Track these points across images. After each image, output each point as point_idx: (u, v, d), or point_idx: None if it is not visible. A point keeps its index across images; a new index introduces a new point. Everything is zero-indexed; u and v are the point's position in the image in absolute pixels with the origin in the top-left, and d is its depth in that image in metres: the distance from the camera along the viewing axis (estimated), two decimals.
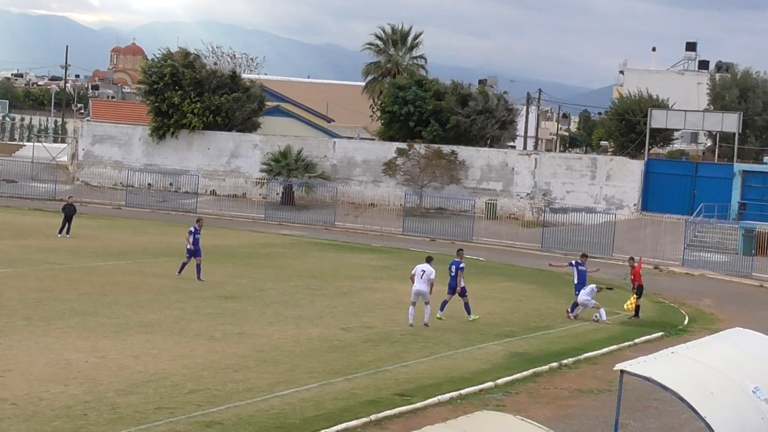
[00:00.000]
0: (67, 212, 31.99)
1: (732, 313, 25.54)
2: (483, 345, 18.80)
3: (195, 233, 24.35)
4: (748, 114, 48.72)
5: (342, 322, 19.97)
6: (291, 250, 33.35)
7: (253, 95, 50.61)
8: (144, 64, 56.20)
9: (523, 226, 42.85)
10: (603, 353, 18.85)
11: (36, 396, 13.17)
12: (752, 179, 42.86)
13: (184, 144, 50.02)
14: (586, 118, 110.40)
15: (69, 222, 31.69)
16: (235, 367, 15.58)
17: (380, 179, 47.34)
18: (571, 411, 14.72)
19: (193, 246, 24.22)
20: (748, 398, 9.96)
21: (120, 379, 14.27)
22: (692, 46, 70.62)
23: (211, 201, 47.65)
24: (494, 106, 48.83)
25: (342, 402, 13.97)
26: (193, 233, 24.34)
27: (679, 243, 37.35)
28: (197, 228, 24.62)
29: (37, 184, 48.88)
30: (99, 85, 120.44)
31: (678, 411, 14.07)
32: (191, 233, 24.37)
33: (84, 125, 53.33)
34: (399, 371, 16.14)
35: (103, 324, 18.20)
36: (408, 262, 31.75)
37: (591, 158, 47.61)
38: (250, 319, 19.75)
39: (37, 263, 25.30)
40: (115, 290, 21.89)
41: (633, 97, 52.88)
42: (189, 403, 13.35)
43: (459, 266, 20.54)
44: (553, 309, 23.77)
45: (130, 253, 29.05)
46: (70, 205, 32.40)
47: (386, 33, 58.44)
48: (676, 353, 10.60)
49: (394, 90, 49.38)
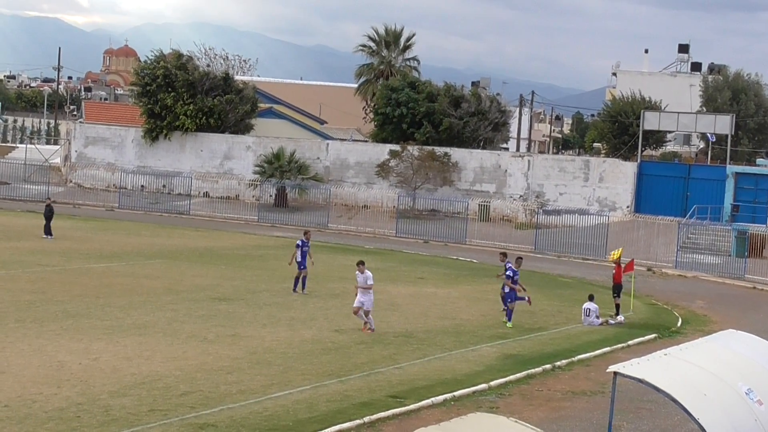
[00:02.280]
0: (45, 213, 32.01)
1: (725, 315, 25.60)
2: (476, 347, 18.82)
3: (302, 246, 23.65)
4: (741, 116, 48.91)
5: (335, 324, 19.97)
6: (284, 252, 33.19)
7: (245, 97, 50.57)
8: (136, 66, 56.12)
9: (516, 228, 42.89)
10: (596, 355, 18.89)
11: (29, 398, 13.16)
12: (745, 181, 42.99)
13: (177, 146, 49.94)
14: (578, 120, 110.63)
15: (48, 222, 31.66)
16: (228, 369, 15.57)
17: (373, 181, 47.36)
18: (565, 413, 14.75)
19: (300, 258, 23.54)
20: (741, 400, 10.00)
21: (113, 381, 14.26)
22: (684, 48, 70.89)
23: (204, 203, 47.58)
24: (487, 107, 48.91)
25: (335, 404, 13.97)
26: (301, 246, 23.65)
27: (672, 245, 37.44)
28: (305, 241, 23.90)
29: (29, 186, 48.73)
30: (92, 87, 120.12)
31: (671, 413, 14.11)
32: (298, 246, 23.67)
33: (77, 127, 53.20)
34: (392, 373, 16.15)
35: (95, 326, 18.18)
36: (401, 264, 31.83)
37: (584, 160, 47.72)
38: (243, 320, 19.75)
39: (29, 265, 25.22)
40: (108, 292, 21.85)
41: (626, 99, 53.06)
42: (182, 405, 13.35)
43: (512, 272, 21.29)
44: (545, 311, 23.81)
45: (122, 254, 28.98)
46: (48, 206, 32.41)
47: (379, 34, 58.50)
48: (669, 355, 10.63)
49: (387, 92, 49.41)
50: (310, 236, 24.77)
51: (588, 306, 22.47)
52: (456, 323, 21.23)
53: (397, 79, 52.20)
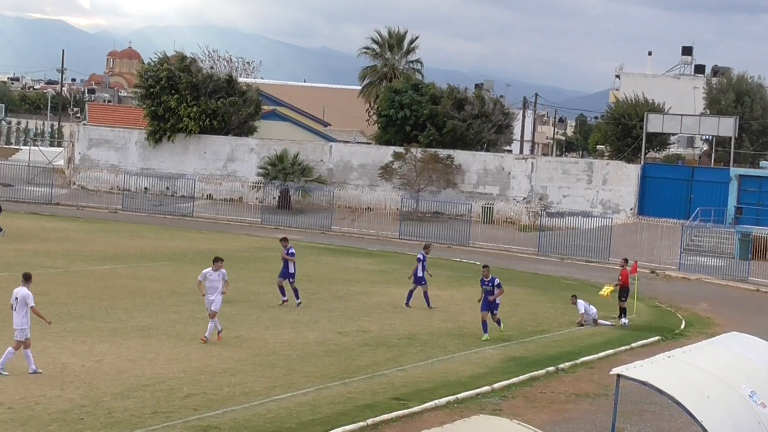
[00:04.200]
0: None
1: (728, 318, 25.57)
2: (480, 349, 18.83)
3: (423, 260, 23.10)
4: (744, 118, 48.84)
5: (338, 326, 19.98)
6: None
7: (249, 99, 50.64)
8: (140, 68, 56.17)
9: (519, 230, 42.89)
10: (599, 357, 18.91)
11: (32, 400, 13.19)
12: (748, 183, 42.90)
13: (180, 148, 50.02)
14: (582, 123, 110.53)
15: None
16: (232, 371, 15.59)
17: (377, 183, 47.38)
18: (568, 415, 14.76)
19: (421, 273, 22.92)
20: (744, 402, 10.00)
21: (116, 383, 14.28)
22: (688, 50, 70.74)
23: (207, 205, 47.64)
24: (490, 110, 48.92)
25: (339, 406, 13.98)
26: (422, 260, 23.04)
27: (676, 247, 37.41)
28: (425, 255, 23.34)
29: (33, 188, 48.85)
30: (95, 89, 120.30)
31: (674, 415, 14.11)
32: (420, 260, 23.03)
33: (80, 129, 53.31)
34: (396, 375, 16.16)
35: (99, 328, 18.21)
36: (405, 266, 31.77)
37: (587, 162, 47.69)
38: (247, 323, 19.77)
39: (32, 267, 25.11)
40: (112, 294, 21.88)
41: (629, 102, 52.96)
42: (185, 407, 13.38)
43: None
44: (549, 313, 23.81)
45: (126, 257, 29.02)
46: None
47: (382, 37, 58.55)
48: (673, 357, 10.64)
49: (391, 94, 49.44)
50: (430, 250, 23.95)
51: (583, 303, 22.55)
52: (459, 325, 21.23)
53: (401, 81, 52.23)
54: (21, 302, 14.51)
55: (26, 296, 14.54)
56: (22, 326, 14.50)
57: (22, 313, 14.50)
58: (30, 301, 14.55)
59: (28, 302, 14.53)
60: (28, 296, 14.55)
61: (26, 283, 14.80)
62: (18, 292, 14.62)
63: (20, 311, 14.51)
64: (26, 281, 14.83)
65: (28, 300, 14.53)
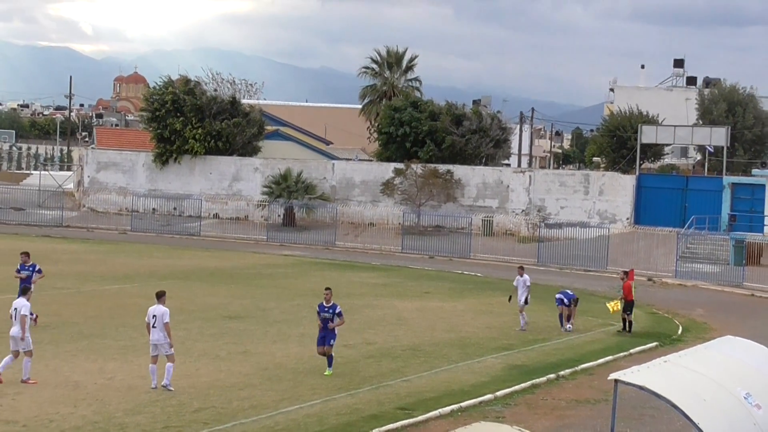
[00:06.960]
0: None
1: (724, 322, 25.86)
2: (482, 358, 19.12)
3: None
4: (737, 128, 49.25)
5: (344, 339, 20.25)
6: (293, 270, 33.71)
7: (252, 120, 51.08)
8: (146, 92, 56.73)
9: (519, 242, 43.24)
10: (599, 364, 19.17)
11: (46, 417, 13.42)
12: (741, 191, 43.23)
13: (186, 169, 50.49)
14: (578, 135, 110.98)
15: None
16: (240, 385, 15.88)
17: (379, 199, 47.82)
18: (569, 421, 15.03)
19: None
20: (739, 404, 10.16)
21: (128, 400, 14.54)
22: (680, 62, 71.16)
23: (214, 224, 48.05)
24: (488, 125, 49.37)
25: (345, 417, 14.22)
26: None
27: (672, 255, 37.73)
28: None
29: (44, 212, 49.23)
30: (103, 114, 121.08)
31: (672, 419, 14.29)
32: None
33: (89, 153, 53.72)
34: (400, 386, 16.42)
35: (110, 346, 18.51)
36: (408, 280, 32.18)
37: (584, 174, 48.03)
38: (254, 337, 20.08)
39: (44, 288, 25.55)
40: (122, 313, 22.18)
41: (623, 114, 53.33)
42: (195, 421, 13.62)
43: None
44: (549, 322, 24.14)
45: (136, 276, 29.34)
46: None
47: (381, 56, 59.11)
48: (669, 362, 10.76)
49: (390, 112, 49.93)
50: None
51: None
52: (462, 336, 21.55)
53: (400, 99, 52.73)
54: (159, 319, 15.34)
55: (164, 313, 15.37)
56: (161, 341, 15.34)
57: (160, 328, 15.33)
58: (166, 317, 15.37)
59: (165, 318, 15.34)
60: (165, 313, 15.38)
61: (160, 299, 15.59)
62: (155, 310, 15.42)
63: (159, 327, 15.33)
64: (159, 298, 15.63)
65: (165, 317, 15.35)
